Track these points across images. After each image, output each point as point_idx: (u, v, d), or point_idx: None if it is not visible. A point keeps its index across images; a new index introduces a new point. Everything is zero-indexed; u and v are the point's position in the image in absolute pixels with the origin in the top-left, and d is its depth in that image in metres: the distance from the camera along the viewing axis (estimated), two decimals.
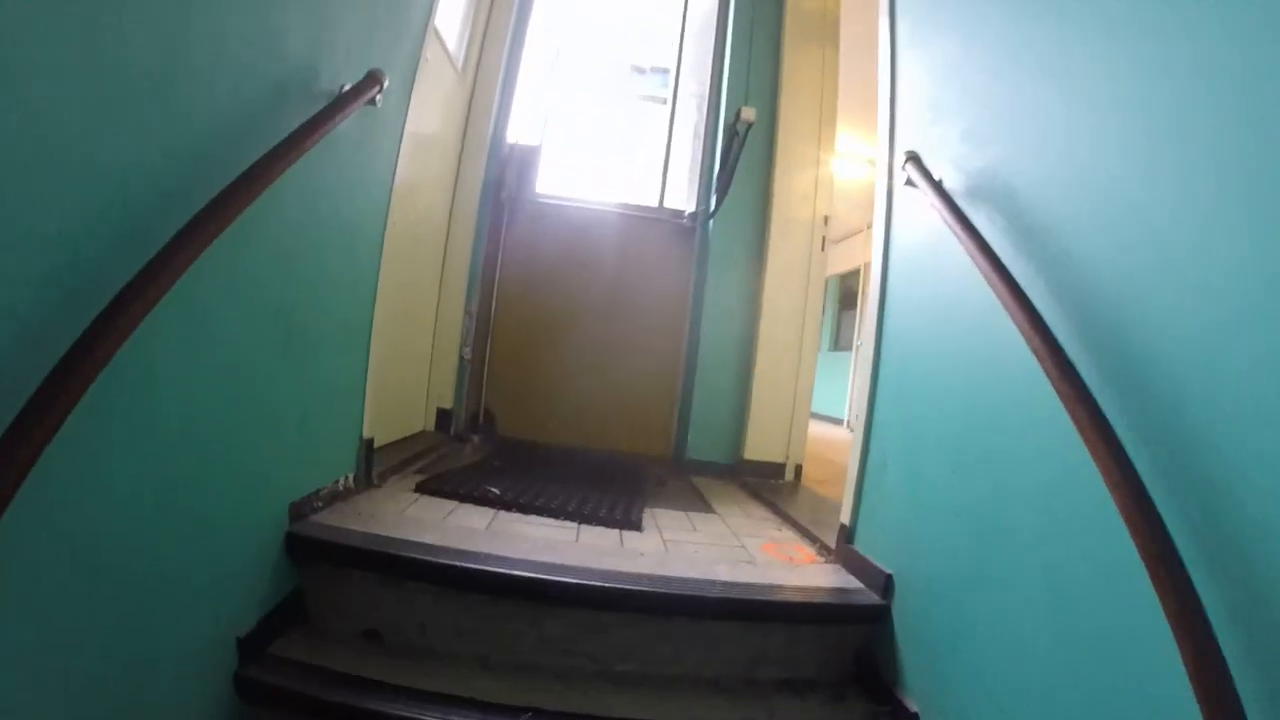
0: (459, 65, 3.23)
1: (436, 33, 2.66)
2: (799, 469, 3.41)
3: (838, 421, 8.53)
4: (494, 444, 3.38)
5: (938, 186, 1.55)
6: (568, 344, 3.56)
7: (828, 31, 3.65)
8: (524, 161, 3.52)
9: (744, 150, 3.37)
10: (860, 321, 7.63)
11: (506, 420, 3.52)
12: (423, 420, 3.27)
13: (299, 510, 1.61)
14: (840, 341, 10.53)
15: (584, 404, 3.54)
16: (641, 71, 3.71)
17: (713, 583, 1.61)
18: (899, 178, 1.78)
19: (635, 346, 3.59)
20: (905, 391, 1.74)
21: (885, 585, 1.61)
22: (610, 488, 2.68)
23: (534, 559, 1.60)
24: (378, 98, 1.58)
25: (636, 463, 3.38)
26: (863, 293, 7.90)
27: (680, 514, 2.45)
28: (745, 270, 3.46)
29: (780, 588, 1.66)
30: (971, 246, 1.30)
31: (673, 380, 3.63)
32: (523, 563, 1.56)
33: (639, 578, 1.57)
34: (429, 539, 1.63)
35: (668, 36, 3.78)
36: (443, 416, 3.31)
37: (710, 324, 3.43)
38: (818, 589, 1.69)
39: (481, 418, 3.47)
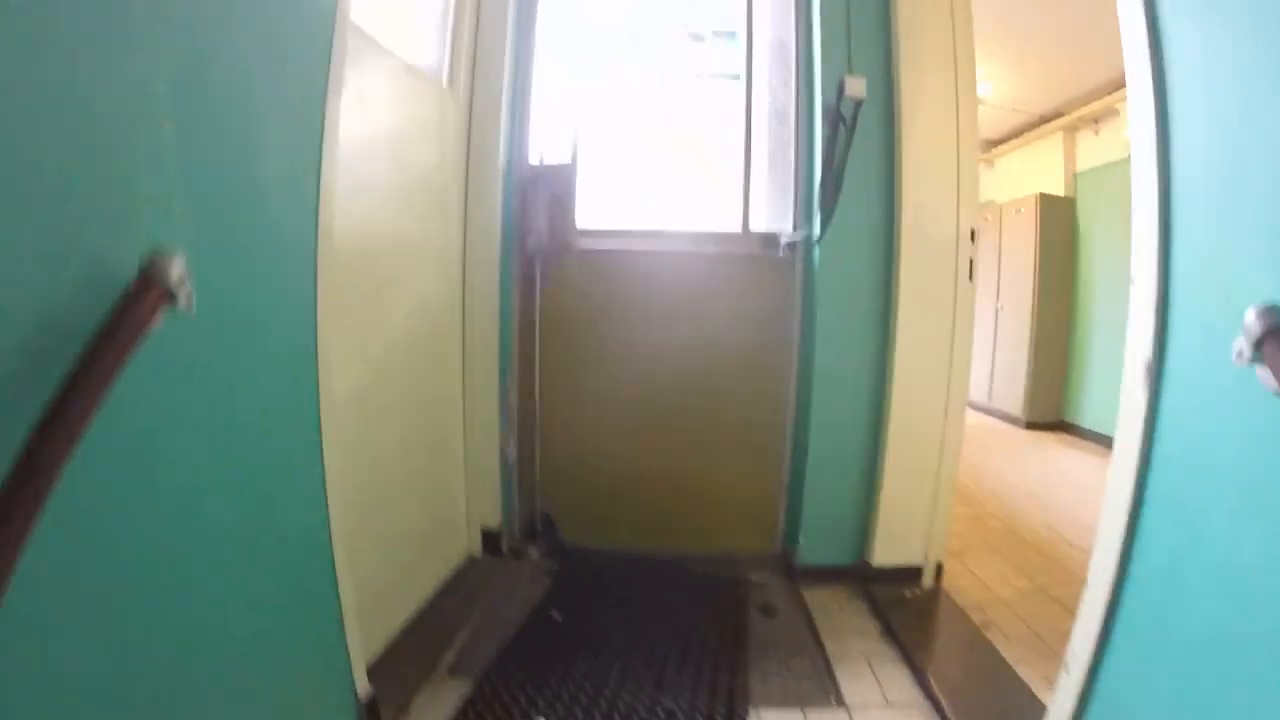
0: (443, 77, 2.40)
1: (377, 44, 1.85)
2: (939, 568, 2.59)
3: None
4: (556, 557, 2.74)
5: None
6: (636, 424, 2.79)
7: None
8: (555, 190, 2.68)
9: (853, 141, 2.40)
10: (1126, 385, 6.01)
11: (569, 523, 2.85)
12: (465, 544, 2.66)
13: None
14: None
15: (663, 496, 2.81)
16: (700, 39, 2.72)
17: None
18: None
19: (724, 420, 2.77)
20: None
21: None
22: (702, 646, 2.10)
23: None
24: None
25: (735, 573, 2.67)
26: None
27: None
28: (867, 313, 2.51)
29: None
30: None
31: (776, 461, 2.79)
32: None
33: None
34: None
35: None
36: (489, 538, 2.69)
37: (823, 387, 2.55)
38: None
39: (539, 523, 2.83)
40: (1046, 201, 5.95)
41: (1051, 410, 6.05)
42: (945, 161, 2.49)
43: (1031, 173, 6.27)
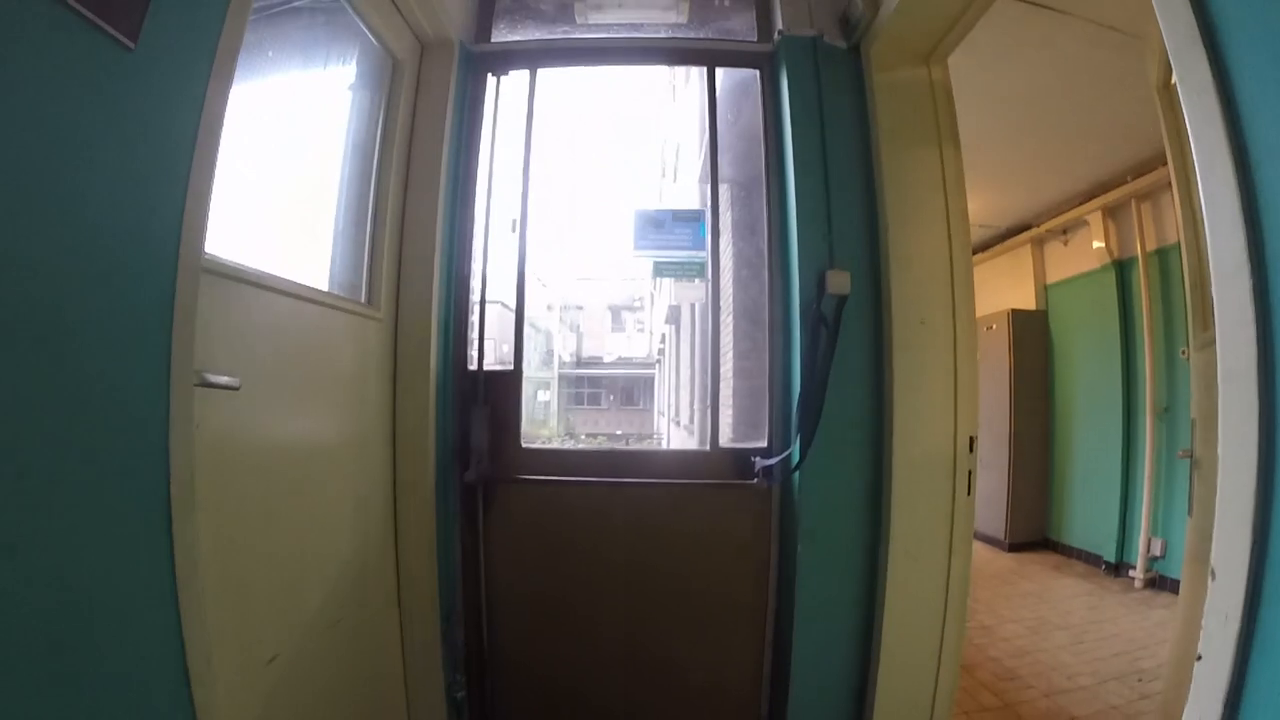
0: (360, 295, 2.11)
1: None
2: None
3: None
4: None
5: None
6: (596, 675, 2.42)
7: (940, 120, 2.31)
8: (497, 402, 2.36)
9: (836, 345, 2.14)
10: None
11: None
12: None
13: None
14: None
15: None
16: (659, 227, 2.47)
17: None
18: None
19: (692, 678, 2.42)
20: None
21: None
22: None
23: None
24: None
25: None
26: None
27: None
28: (853, 545, 2.18)
29: None
30: None
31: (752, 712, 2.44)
32: None
33: None
34: None
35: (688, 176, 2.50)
36: None
37: (806, 635, 2.22)
38: None
39: None
40: (1019, 317, 5.83)
41: (1035, 530, 5.81)
42: (940, 361, 2.22)
43: (1000, 288, 6.18)
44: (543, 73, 2.53)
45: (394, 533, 2.27)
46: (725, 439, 2.50)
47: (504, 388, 2.39)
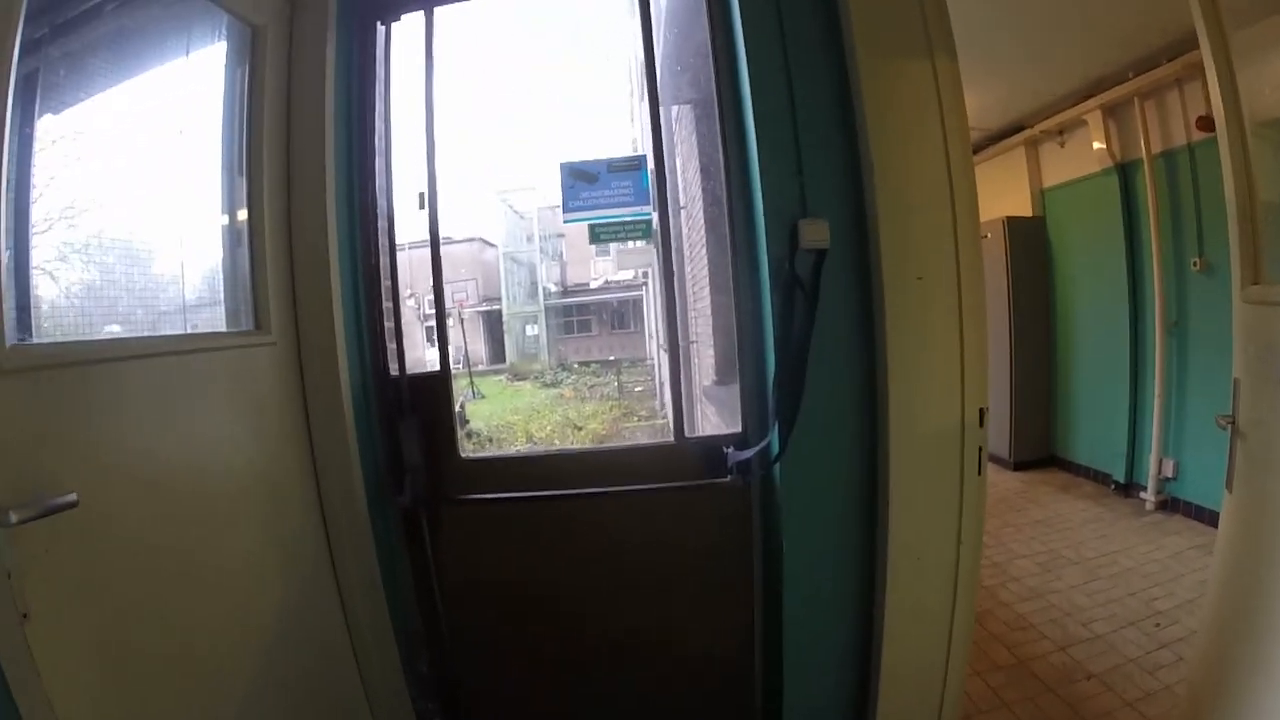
0: (243, 322, 1.76)
1: None
2: None
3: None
4: None
5: None
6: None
7: (929, 19, 1.85)
8: (427, 409, 2.02)
9: (816, 310, 1.79)
10: None
11: None
12: None
13: None
14: None
15: None
16: (592, 182, 2.04)
17: None
18: None
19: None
20: None
21: None
22: None
23: None
24: None
25: None
26: None
27: None
28: (846, 545, 1.91)
29: None
30: None
31: None
32: None
33: None
34: None
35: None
36: None
37: (795, 650, 1.96)
38: None
39: None
40: (1015, 224, 5.44)
41: (1040, 446, 5.61)
42: (943, 323, 1.84)
43: (993, 194, 5.74)
44: (443, 10, 2.07)
45: (332, 570, 2.00)
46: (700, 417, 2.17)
47: (432, 392, 2.04)
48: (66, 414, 1.19)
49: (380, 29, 2.04)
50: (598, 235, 2.19)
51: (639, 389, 14.80)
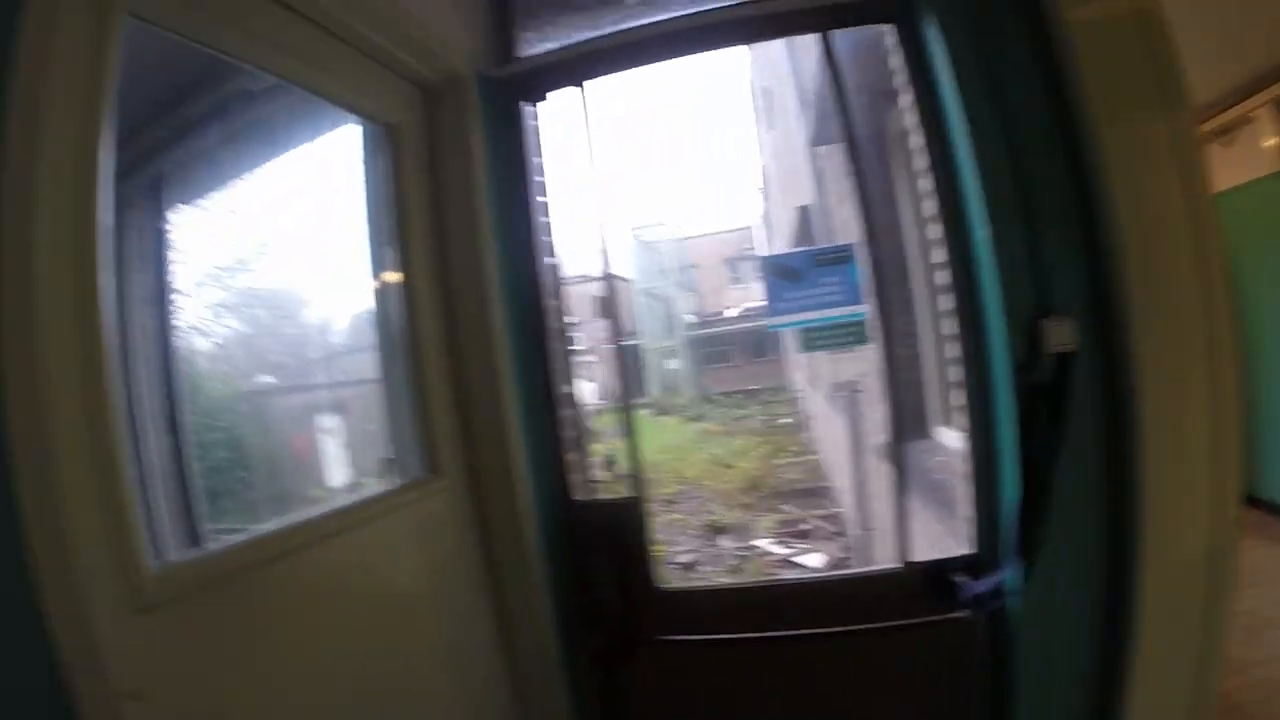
0: (415, 470, 1.59)
1: None
2: None
3: None
4: None
5: None
6: None
7: (1159, 70, 1.43)
8: (618, 540, 1.78)
9: (1064, 424, 1.46)
10: None
11: None
12: None
13: None
14: None
15: None
16: (797, 279, 1.72)
17: None
18: None
19: None
20: None
21: None
22: None
23: None
24: None
25: None
26: None
27: None
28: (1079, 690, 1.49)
29: None
30: None
31: None
32: None
33: None
34: None
35: None
36: None
37: None
38: None
39: None
40: None
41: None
42: (1200, 425, 1.44)
43: None
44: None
45: None
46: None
47: (623, 518, 1.80)
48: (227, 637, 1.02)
49: (528, 110, 1.88)
50: (812, 343, 1.89)
51: (785, 419, 14.24)
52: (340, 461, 1.95)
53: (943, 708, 1.71)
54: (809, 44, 2.69)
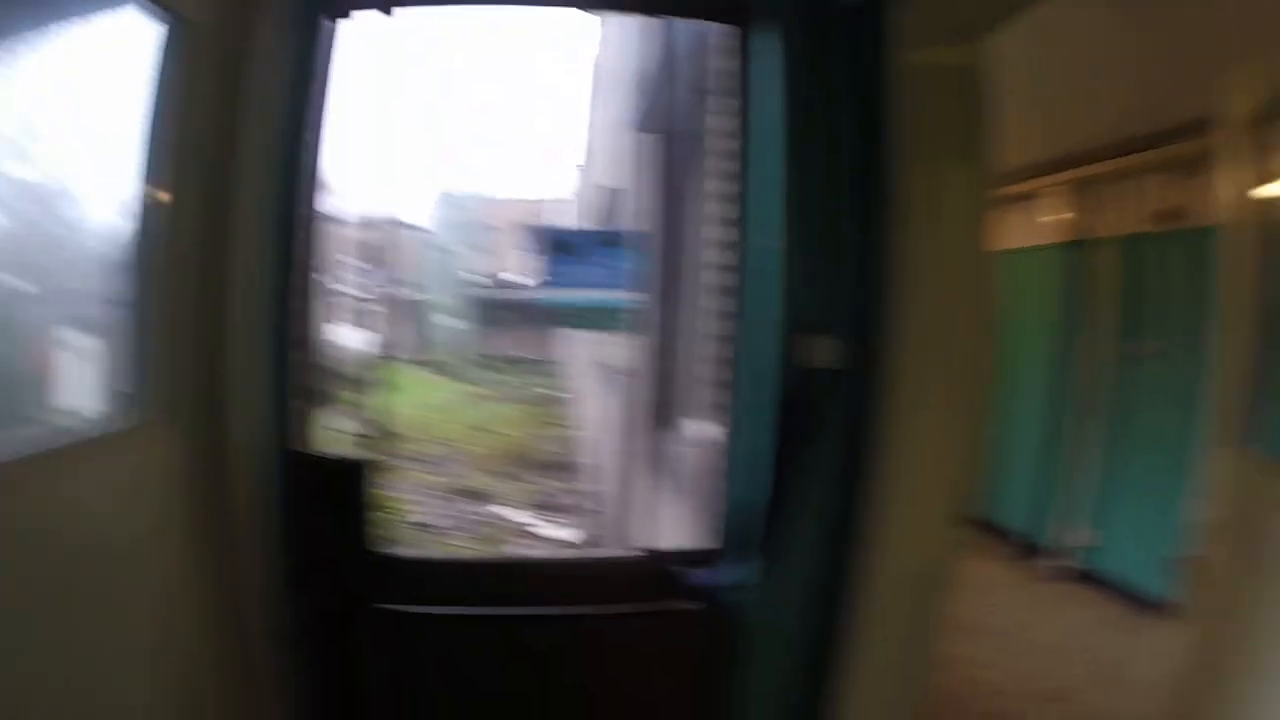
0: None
1: None
2: None
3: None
4: None
5: None
6: None
7: (972, 127, 1.65)
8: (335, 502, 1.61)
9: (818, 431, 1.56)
10: None
11: None
12: None
13: None
14: None
15: None
16: (574, 254, 1.67)
17: None
18: None
19: None
20: None
21: None
22: None
23: None
24: None
25: None
26: None
27: None
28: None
29: None
30: None
31: None
32: None
33: None
34: None
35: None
36: None
37: None
38: None
39: None
40: None
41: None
42: (942, 453, 1.67)
43: None
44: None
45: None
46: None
47: (346, 476, 1.64)
48: None
49: (327, 27, 1.64)
50: (567, 319, 1.82)
51: (556, 392, 14.40)
52: (77, 388, 1.58)
53: (670, 695, 1.76)
54: (656, 29, 2.67)
